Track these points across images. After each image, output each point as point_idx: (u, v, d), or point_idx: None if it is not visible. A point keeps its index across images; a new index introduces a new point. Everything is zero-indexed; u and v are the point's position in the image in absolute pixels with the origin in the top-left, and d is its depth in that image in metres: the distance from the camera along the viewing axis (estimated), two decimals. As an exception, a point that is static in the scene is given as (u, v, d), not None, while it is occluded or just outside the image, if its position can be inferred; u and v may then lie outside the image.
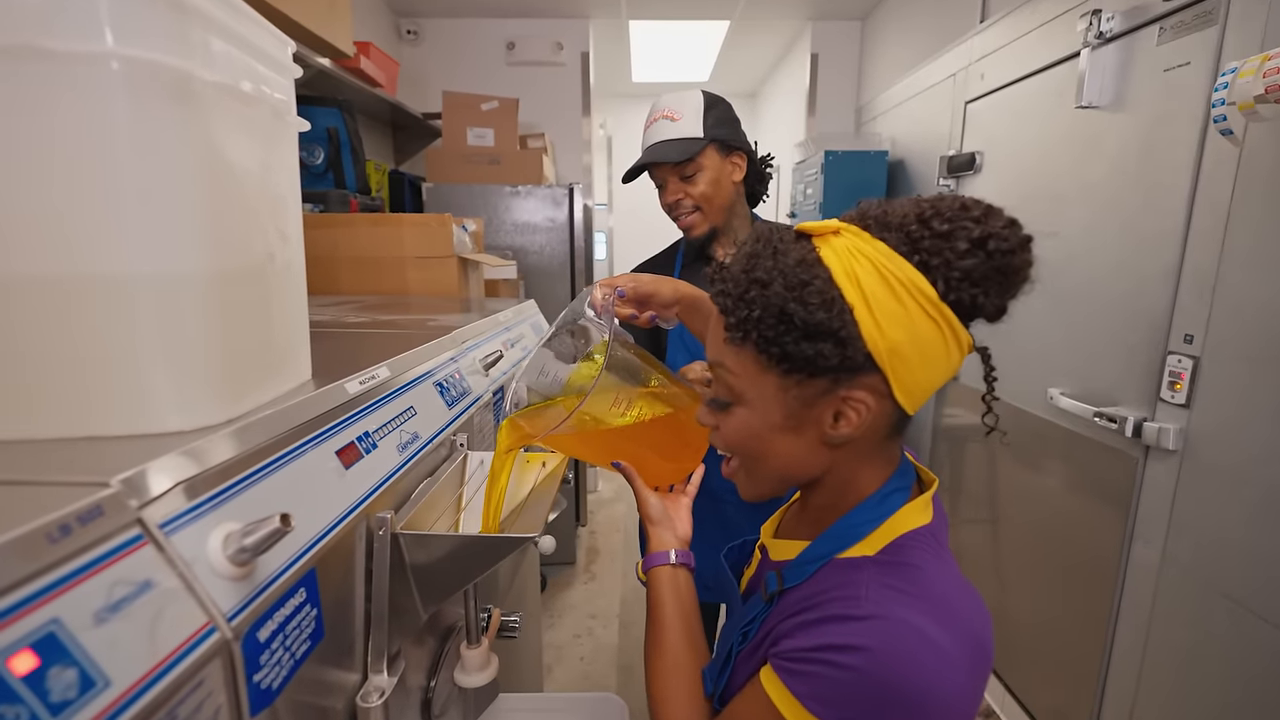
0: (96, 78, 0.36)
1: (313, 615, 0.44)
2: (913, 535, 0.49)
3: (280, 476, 0.44)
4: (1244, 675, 1.11)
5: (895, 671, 0.40)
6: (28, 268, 0.38)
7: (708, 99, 1.12)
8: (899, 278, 0.44)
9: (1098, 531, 1.45)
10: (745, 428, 0.51)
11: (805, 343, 0.45)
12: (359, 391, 0.59)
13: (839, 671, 0.41)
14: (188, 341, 0.42)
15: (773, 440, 0.51)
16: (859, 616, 0.42)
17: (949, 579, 0.46)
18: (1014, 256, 0.45)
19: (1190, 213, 1.21)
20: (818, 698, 0.42)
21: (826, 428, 0.48)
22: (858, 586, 0.45)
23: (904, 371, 0.46)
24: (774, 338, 0.46)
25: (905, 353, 0.45)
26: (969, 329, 0.47)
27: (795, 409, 0.49)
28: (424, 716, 0.64)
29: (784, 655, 0.45)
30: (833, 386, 0.47)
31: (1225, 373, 1.14)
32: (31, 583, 0.27)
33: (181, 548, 0.35)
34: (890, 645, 0.40)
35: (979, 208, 0.45)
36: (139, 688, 0.29)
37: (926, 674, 0.40)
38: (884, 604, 0.43)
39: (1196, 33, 1.20)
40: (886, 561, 0.47)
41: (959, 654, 0.42)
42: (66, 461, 0.36)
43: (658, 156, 1.09)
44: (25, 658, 0.26)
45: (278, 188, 0.51)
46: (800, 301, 0.44)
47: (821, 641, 0.43)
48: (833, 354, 0.45)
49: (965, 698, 0.42)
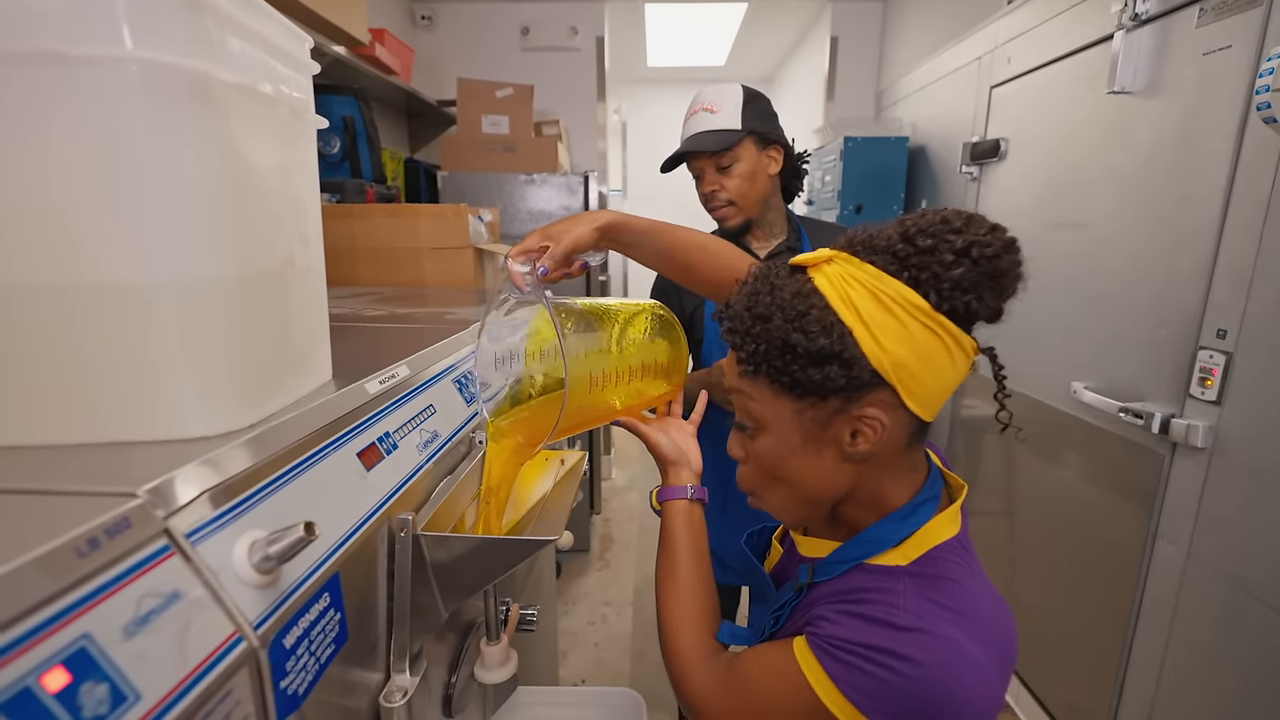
0: (115, 82, 0.36)
1: (336, 619, 0.44)
2: (945, 547, 0.50)
3: (303, 481, 0.44)
4: (1270, 676, 1.09)
5: (944, 686, 0.42)
6: (50, 275, 0.38)
7: (747, 93, 1.13)
8: (891, 295, 0.46)
9: (1120, 528, 1.43)
10: (770, 452, 0.53)
11: (812, 369, 0.47)
12: (379, 391, 0.59)
13: (889, 675, 0.43)
14: (210, 347, 0.42)
15: (796, 463, 0.52)
16: (904, 626, 0.44)
17: (979, 591, 0.48)
18: (1000, 260, 0.46)
19: (1227, 204, 1.17)
20: (861, 690, 0.44)
21: (845, 446, 0.50)
22: (896, 595, 0.46)
23: (912, 383, 0.47)
24: (782, 367, 0.48)
25: (910, 365, 0.46)
26: (971, 333, 0.49)
27: (813, 430, 0.50)
28: (445, 713, 0.65)
29: (825, 638, 0.47)
30: (845, 405, 0.48)
31: (1260, 370, 1.11)
32: (62, 599, 0.27)
33: (208, 557, 0.35)
34: (938, 660, 0.43)
35: (960, 219, 0.47)
36: (169, 700, 0.29)
37: (967, 688, 0.43)
38: (926, 618, 0.44)
39: (1239, 14, 1.15)
40: (922, 574, 0.48)
41: (991, 666, 0.44)
42: (93, 470, 0.36)
43: (695, 146, 1.10)
44: (57, 674, 0.26)
45: (297, 189, 0.51)
46: (801, 331, 0.46)
47: (870, 641, 0.45)
48: (839, 375, 0.46)
49: (995, 706, 0.45)
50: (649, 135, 4.88)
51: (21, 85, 0.34)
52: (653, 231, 0.68)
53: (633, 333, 0.69)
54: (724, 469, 1.23)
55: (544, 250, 0.63)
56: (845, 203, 2.51)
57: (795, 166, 1.21)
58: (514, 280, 0.61)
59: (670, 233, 0.69)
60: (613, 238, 0.68)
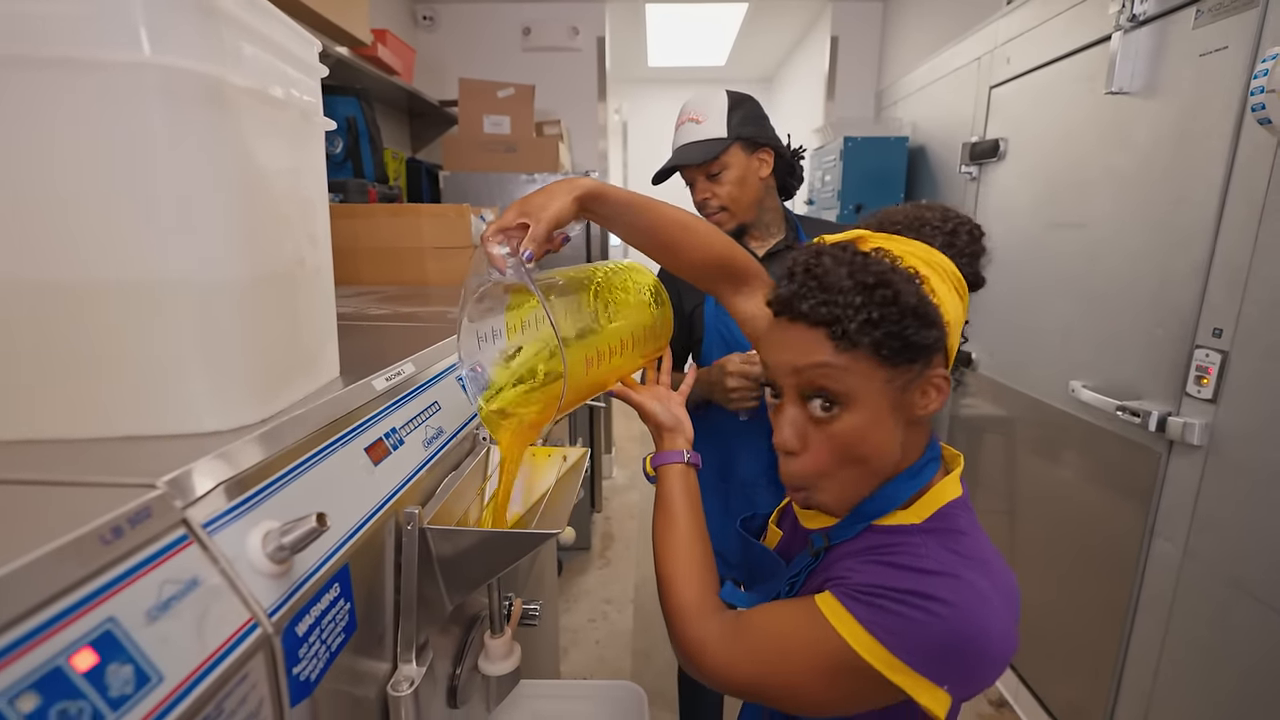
0: (133, 86, 0.37)
1: (346, 609, 0.45)
2: (953, 505, 0.53)
3: (313, 475, 0.46)
4: (1267, 673, 1.10)
5: (972, 625, 0.45)
6: (70, 274, 0.39)
7: (732, 99, 1.13)
8: (941, 264, 0.53)
9: (1117, 525, 1.44)
10: (854, 429, 0.51)
11: (925, 330, 0.49)
12: (385, 388, 0.60)
13: (920, 614, 0.45)
14: (223, 345, 0.43)
15: (879, 435, 0.52)
16: (931, 570, 0.47)
17: (987, 545, 0.51)
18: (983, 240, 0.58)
19: (1223, 204, 1.18)
20: (891, 631, 0.45)
21: (917, 409, 0.52)
22: (918, 546, 0.49)
23: (953, 341, 0.53)
24: (898, 332, 0.48)
25: (954, 326, 0.52)
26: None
27: (896, 398, 0.51)
28: (450, 703, 0.66)
29: (852, 586, 0.48)
30: (924, 369, 0.52)
31: (1255, 368, 1.12)
32: (88, 584, 0.28)
33: (224, 547, 0.36)
34: (965, 600, 0.45)
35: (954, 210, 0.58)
36: (190, 682, 0.31)
37: (991, 628, 0.45)
38: (950, 564, 0.47)
39: (1235, 15, 1.16)
40: (938, 529, 0.51)
41: (1006, 610, 0.47)
42: (113, 462, 0.37)
43: (683, 159, 1.12)
44: (86, 655, 0.27)
45: (307, 191, 0.52)
46: (916, 293, 0.49)
47: (899, 585, 0.46)
48: (939, 336, 0.50)
49: (1012, 648, 0.47)
50: (650, 135, 4.89)
51: (44, 89, 0.36)
52: (635, 206, 0.64)
53: (619, 299, 0.68)
54: (725, 468, 1.24)
55: (523, 228, 0.57)
56: (845, 202, 2.52)
57: (790, 165, 1.21)
58: (494, 263, 0.56)
59: (653, 208, 0.65)
60: (592, 208, 0.63)
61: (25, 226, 0.38)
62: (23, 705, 0.24)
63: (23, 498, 0.33)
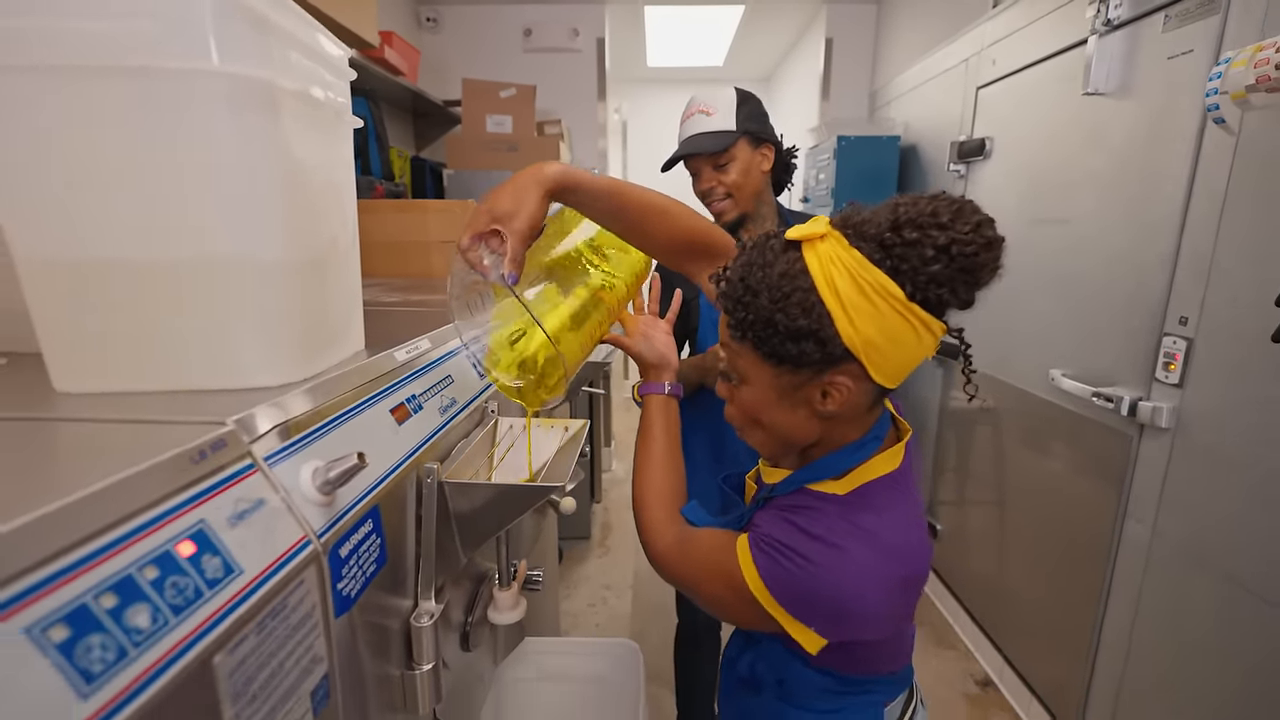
0: (203, 92, 0.44)
1: (377, 543, 0.52)
2: (878, 482, 0.59)
3: (348, 427, 0.52)
4: (1228, 647, 1.17)
5: (834, 585, 0.53)
6: (149, 253, 0.46)
7: (740, 95, 1.20)
8: (871, 283, 0.51)
9: (1094, 508, 1.51)
10: (750, 402, 0.60)
11: (790, 344, 0.53)
12: (405, 359, 0.67)
13: (795, 569, 0.54)
14: (272, 313, 0.50)
15: (772, 414, 0.59)
16: (815, 535, 0.55)
17: (897, 521, 0.57)
18: (977, 258, 0.50)
19: (1189, 199, 1.25)
20: (773, 578, 0.55)
21: (816, 405, 0.57)
22: (820, 514, 0.57)
23: (879, 359, 0.53)
24: (764, 338, 0.54)
25: (879, 344, 0.52)
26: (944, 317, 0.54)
27: (788, 391, 0.57)
28: (463, 647, 0.73)
29: (760, 534, 0.57)
30: (818, 374, 0.55)
31: (1217, 354, 1.19)
32: (187, 490, 0.35)
33: (282, 477, 0.43)
34: (835, 566, 0.53)
35: (949, 211, 0.50)
36: (262, 578, 0.37)
37: (848, 590, 0.53)
38: (838, 533, 0.55)
39: (1199, 21, 1.23)
40: (853, 503, 0.58)
41: (886, 583, 0.55)
42: (189, 407, 0.44)
43: (694, 148, 1.18)
44: (187, 544, 0.34)
45: (338, 181, 0.59)
46: (784, 312, 0.52)
47: (788, 542, 0.55)
48: (814, 351, 0.52)
49: (881, 614, 0.55)
50: (649, 134, 4.96)
51: (130, 95, 0.42)
52: (609, 192, 0.64)
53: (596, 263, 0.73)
54: (718, 449, 1.31)
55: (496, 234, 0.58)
56: (839, 200, 2.58)
57: (785, 163, 1.28)
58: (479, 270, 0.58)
59: (622, 192, 0.65)
60: (561, 197, 0.63)
61: (113, 214, 0.44)
62: (148, 574, 0.31)
63: (127, 430, 0.40)
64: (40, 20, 0.39)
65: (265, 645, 0.37)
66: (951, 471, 2.24)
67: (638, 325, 0.81)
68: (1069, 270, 1.60)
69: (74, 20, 0.40)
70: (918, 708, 0.72)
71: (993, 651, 1.93)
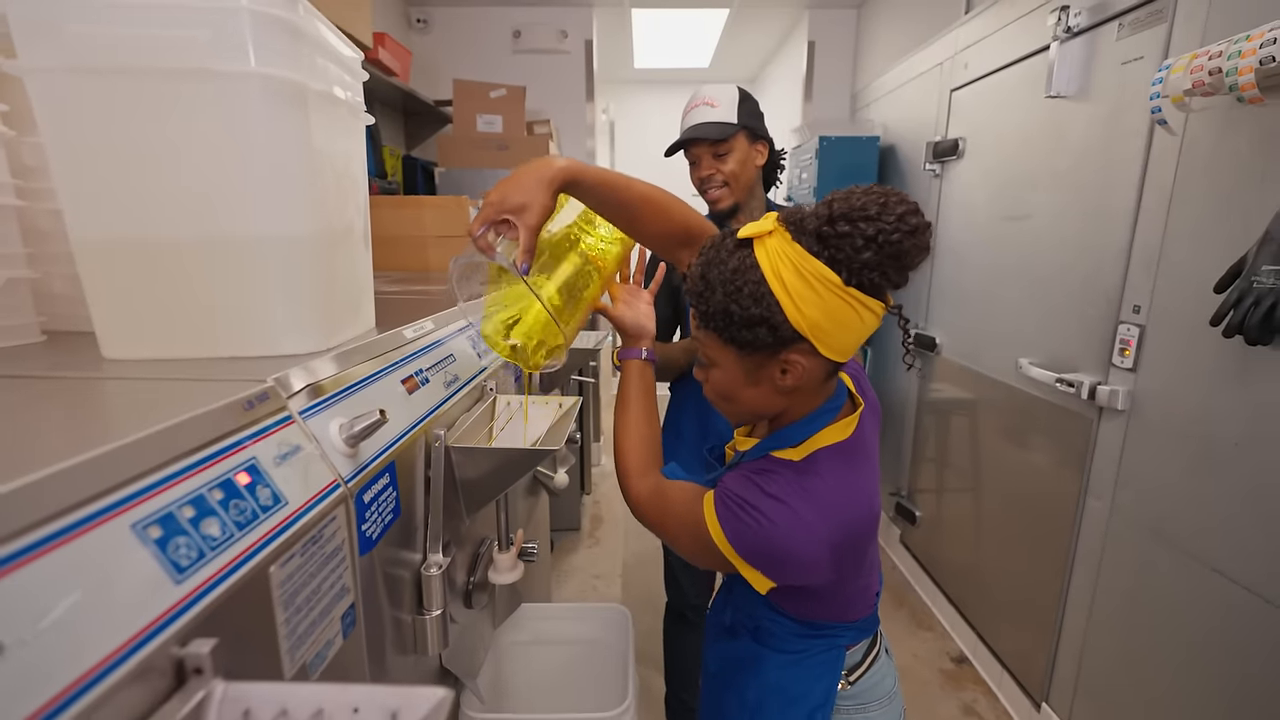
0: (242, 91, 0.50)
1: (393, 496, 0.58)
2: (828, 450, 0.66)
3: (367, 392, 0.58)
4: (1178, 609, 1.25)
5: (781, 541, 0.61)
6: (192, 231, 0.51)
7: (741, 94, 1.29)
8: (811, 272, 0.57)
9: (1059, 488, 1.59)
10: (721, 382, 0.68)
11: (745, 330, 0.60)
12: (413, 337, 0.73)
13: (751, 522, 0.62)
14: (300, 288, 0.56)
15: (740, 391, 0.67)
16: (770, 494, 0.62)
17: (840, 485, 0.65)
18: (902, 245, 0.56)
19: (1140, 195, 1.33)
20: (731, 530, 0.63)
21: (776, 381, 0.64)
22: (776, 476, 0.64)
23: (825, 338, 0.60)
24: (724, 327, 0.61)
25: (824, 325, 0.59)
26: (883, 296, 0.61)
27: (751, 370, 0.64)
28: (465, 604, 0.79)
29: (725, 491, 0.65)
30: (774, 354, 0.62)
31: (1167, 339, 1.27)
32: (241, 432, 0.41)
33: (314, 429, 0.49)
34: (784, 523, 0.61)
35: (875, 205, 0.56)
36: (303, 509, 0.43)
37: (798, 548, 0.61)
38: (789, 493, 0.63)
39: (1149, 29, 1.32)
40: (803, 468, 0.65)
41: (825, 536, 0.62)
42: (230, 369, 0.50)
43: (699, 133, 1.26)
44: (243, 475, 0.40)
45: (354, 171, 0.64)
46: (738, 303, 0.59)
47: (746, 497, 0.63)
48: (767, 335, 0.59)
49: (821, 563, 0.63)
50: (636, 134, 5.03)
51: (187, 93, 0.48)
52: (608, 184, 0.70)
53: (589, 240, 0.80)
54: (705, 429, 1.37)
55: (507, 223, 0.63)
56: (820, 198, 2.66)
57: (776, 161, 1.37)
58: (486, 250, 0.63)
59: (624, 185, 0.71)
60: (568, 191, 0.68)
61: (165, 196, 0.50)
62: (215, 495, 0.37)
63: (181, 386, 0.46)
64: (121, 29, 0.45)
65: (307, 566, 0.43)
66: (929, 461, 2.32)
67: (621, 294, 0.88)
68: (1035, 264, 1.69)
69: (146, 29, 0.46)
70: (880, 654, 0.79)
71: (968, 630, 2.01)
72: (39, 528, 0.27)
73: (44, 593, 0.26)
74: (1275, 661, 1.07)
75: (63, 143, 0.49)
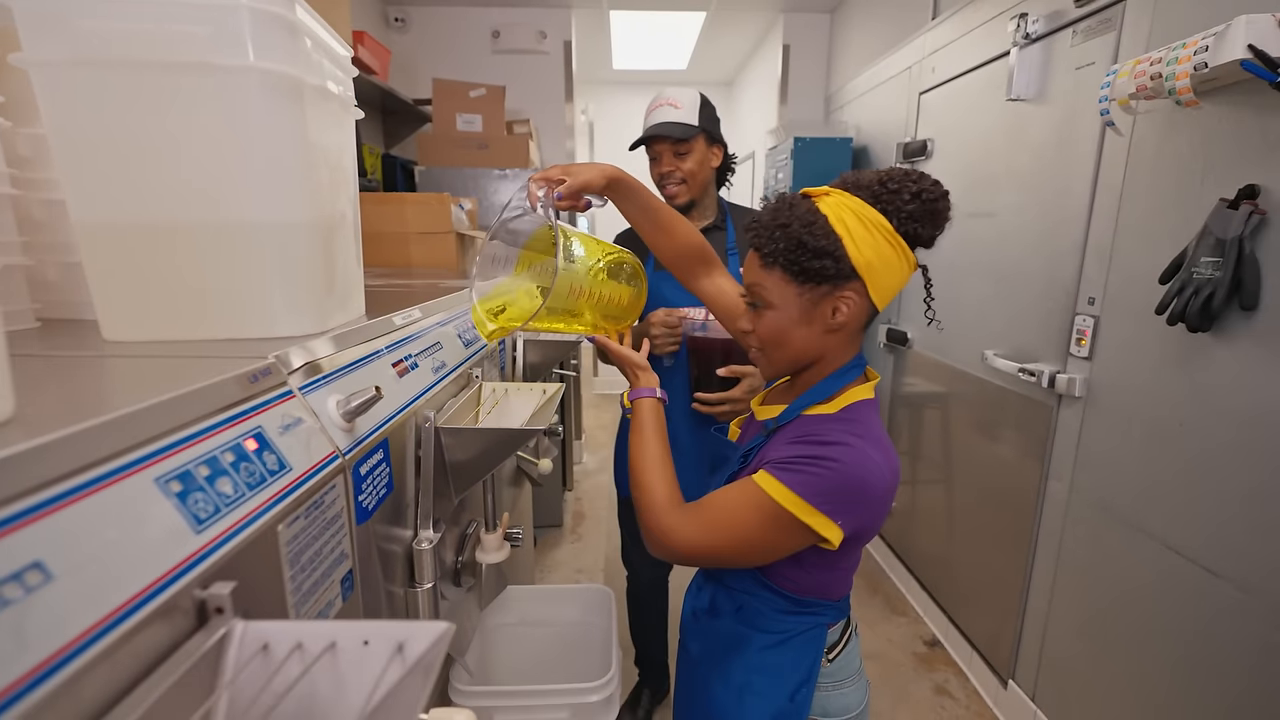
0: (242, 84, 0.52)
1: (387, 472, 0.61)
2: (861, 403, 0.73)
3: (361, 373, 0.61)
4: (1129, 582, 1.33)
5: (858, 477, 0.65)
6: (191, 216, 0.54)
7: (702, 99, 1.37)
8: (869, 218, 0.68)
9: (1023, 473, 1.67)
10: (774, 324, 0.73)
11: (815, 259, 0.67)
12: (402, 323, 0.76)
13: (822, 470, 0.65)
14: (296, 273, 0.58)
15: (792, 331, 0.72)
16: (829, 441, 0.66)
17: (880, 431, 0.71)
18: (939, 203, 0.70)
19: (1093, 194, 1.41)
20: (805, 486, 0.65)
21: (828, 320, 0.70)
22: (824, 428, 0.69)
23: (875, 278, 0.69)
24: (794, 259, 0.68)
25: (876, 265, 0.68)
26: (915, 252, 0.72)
27: (807, 308, 0.71)
28: (454, 582, 0.82)
29: (778, 462, 0.67)
30: (832, 290, 0.69)
31: (1118, 329, 1.35)
32: (248, 402, 0.44)
33: (314, 404, 0.52)
34: (853, 460, 0.65)
35: (915, 174, 0.70)
36: (305, 475, 0.46)
37: (873, 479, 0.65)
38: (843, 436, 0.67)
39: (1100, 37, 1.40)
40: (845, 417, 0.71)
41: (889, 470, 0.67)
42: (232, 349, 0.53)
43: (664, 131, 1.33)
44: (251, 442, 0.43)
45: (345, 163, 0.67)
46: (811, 233, 0.67)
47: (808, 454, 0.66)
48: (832, 267, 0.67)
49: (890, 495, 0.68)
50: (615, 134, 5.06)
51: (184, 86, 0.51)
52: (645, 193, 0.86)
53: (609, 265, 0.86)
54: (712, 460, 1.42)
55: (561, 182, 0.77)
56: (796, 198, 2.73)
57: (728, 164, 1.47)
58: (530, 197, 0.74)
59: (661, 205, 0.87)
60: (614, 189, 0.82)
61: (165, 182, 0.53)
62: (226, 458, 0.40)
63: (186, 363, 0.48)
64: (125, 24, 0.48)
65: (310, 529, 0.46)
66: (903, 454, 2.39)
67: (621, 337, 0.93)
68: (998, 259, 1.77)
69: (149, 24, 0.48)
70: (853, 634, 0.83)
71: (939, 615, 2.09)
72: (82, 472, 0.30)
73: (88, 531, 0.29)
74: (1217, 627, 1.14)
75: (67, 134, 0.51)
